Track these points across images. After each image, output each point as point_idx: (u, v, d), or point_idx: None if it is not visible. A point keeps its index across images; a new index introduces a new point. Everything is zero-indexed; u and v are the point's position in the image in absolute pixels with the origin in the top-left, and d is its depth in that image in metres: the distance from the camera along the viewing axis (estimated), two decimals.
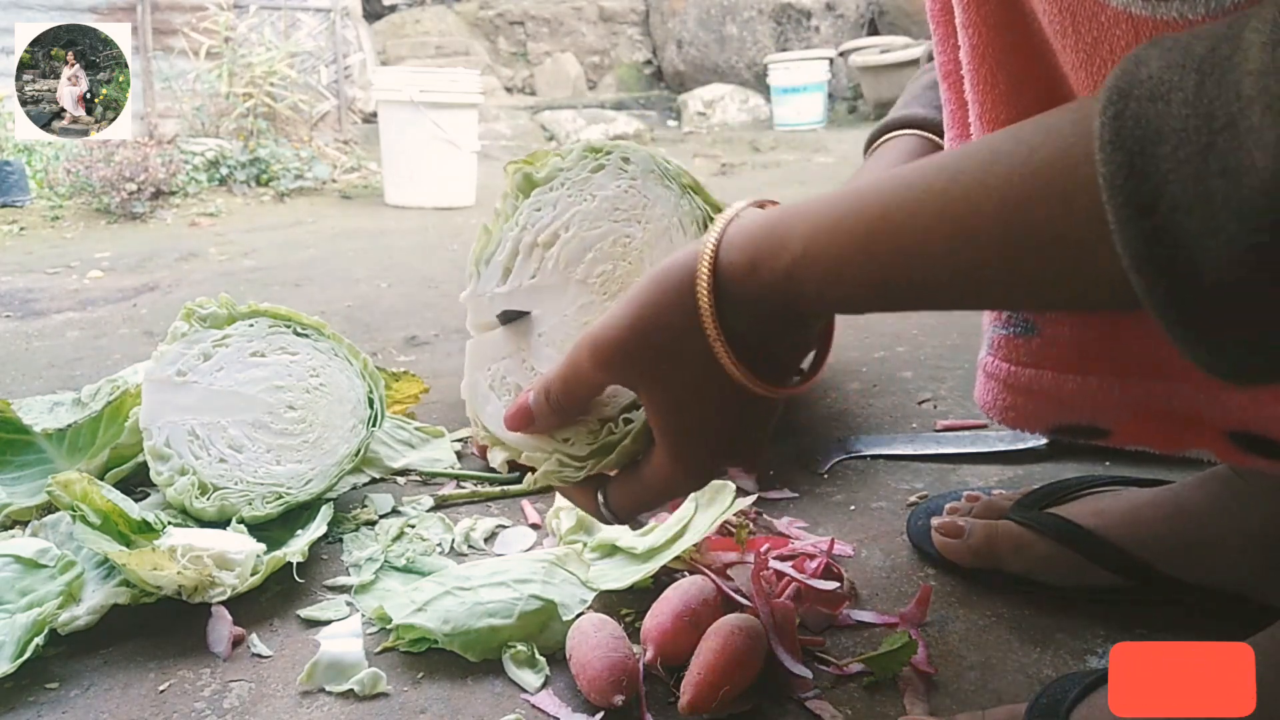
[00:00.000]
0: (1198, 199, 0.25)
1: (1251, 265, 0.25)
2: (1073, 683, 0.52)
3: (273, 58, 4.78)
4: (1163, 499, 0.64)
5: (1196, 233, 0.25)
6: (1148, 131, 0.26)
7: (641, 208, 0.55)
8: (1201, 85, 0.26)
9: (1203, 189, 0.25)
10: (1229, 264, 0.25)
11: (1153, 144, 0.26)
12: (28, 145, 4.10)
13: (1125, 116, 0.27)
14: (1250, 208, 0.24)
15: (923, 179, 0.35)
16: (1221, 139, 0.25)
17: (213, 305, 0.87)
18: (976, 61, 0.43)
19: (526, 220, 0.56)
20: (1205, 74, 0.26)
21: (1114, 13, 0.33)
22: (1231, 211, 0.25)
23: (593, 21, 7.73)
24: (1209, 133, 0.25)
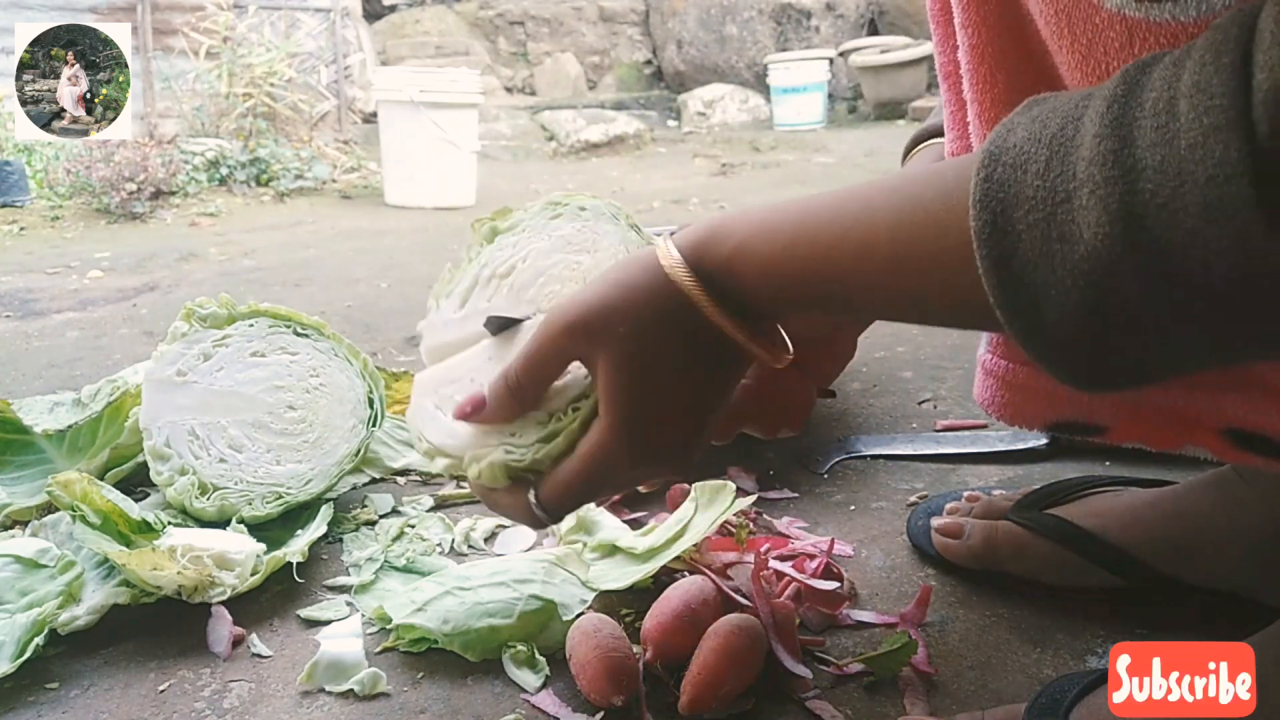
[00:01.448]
0: (1042, 257, 0.32)
1: (1081, 311, 0.31)
2: (1072, 683, 0.52)
3: (272, 58, 4.78)
4: (1163, 500, 0.64)
5: (1041, 284, 0.32)
6: (1008, 195, 0.32)
7: (591, 240, 0.59)
8: (1049, 161, 0.32)
9: (1046, 249, 0.31)
10: (1064, 309, 0.32)
11: (1011, 207, 0.32)
12: (28, 145, 4.10)
13: (993, 180, 0.33)
14: (1079, 270, 0.31)
15: (839, 201, 0.41)
16: (1060, 211, 0.31)
17: (213, 305, 0.87)
18: (975, 61, 0.43)
19: (487, 259, 0.60)
20: (1053, 151, 0.32)
21: (1108, 15, 0.34)
22: (1066, 270, 0.31)
23: (593, 21, 7.73)
24: (1051, 204, 0.31)
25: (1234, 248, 0.27)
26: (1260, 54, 0.27)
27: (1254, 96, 0.27)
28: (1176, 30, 0.32)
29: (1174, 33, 0.32)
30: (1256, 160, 0.26)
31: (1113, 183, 0.29)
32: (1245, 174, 0.26)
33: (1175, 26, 0.32)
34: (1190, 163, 0.28)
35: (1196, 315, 0.29)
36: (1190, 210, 0.28)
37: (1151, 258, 0.29)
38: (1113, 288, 0.30)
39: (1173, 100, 0.29)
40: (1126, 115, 0.30)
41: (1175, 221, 0.28)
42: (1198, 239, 0.28)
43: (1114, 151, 0.29)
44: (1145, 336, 0.31)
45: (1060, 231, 0.31)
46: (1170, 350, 0.31)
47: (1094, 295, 0.31)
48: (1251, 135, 0.26)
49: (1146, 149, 0.29)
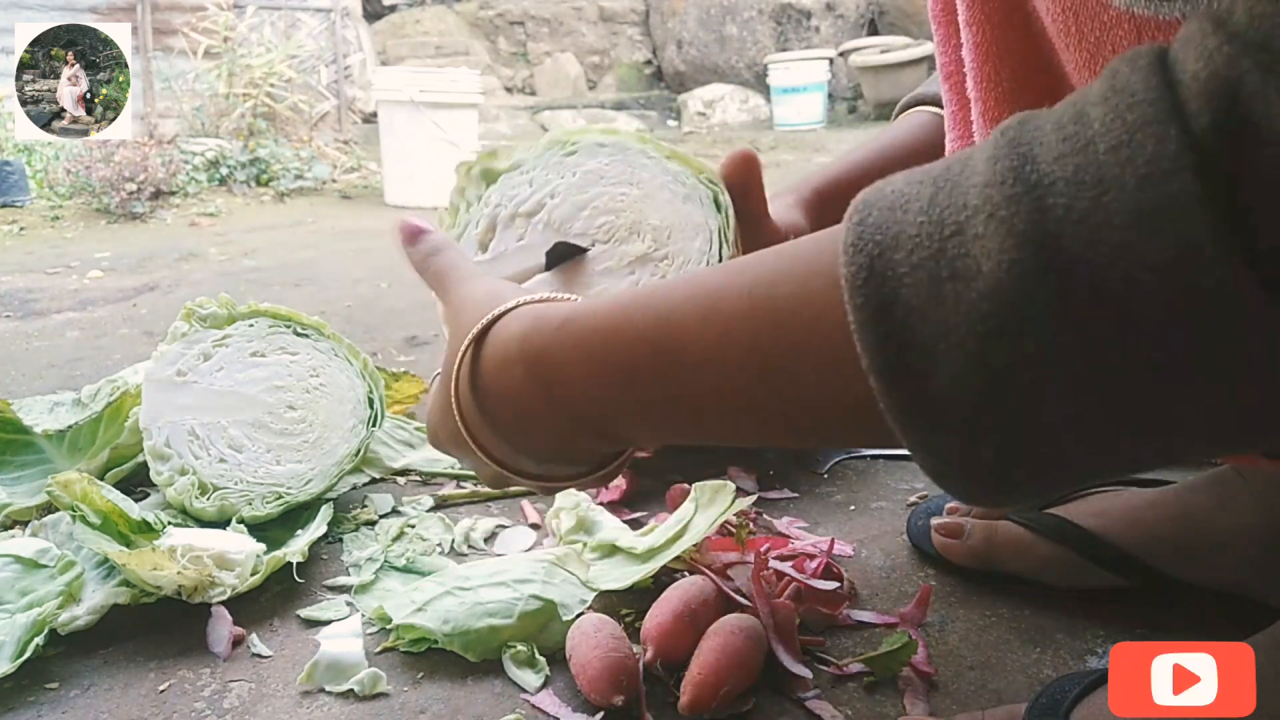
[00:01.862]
0: (930, 301, 0.26)
1: (980, 366, 0.25)
2: (1073, 683, 0.52)
3: (272, 58, 4.78)
4: (1163, 499, 0.64)
5: (929, 335, 0.26)
6: (885, 237, 0.27)
7: (629, 173, 0.56)
8: (935, 196, 0.27)
9: (934, 292, 0.26)
10: (958, 366, 0.26)
11: (890, 249, 0.27)
12: (28, 145, 4.10)
13: (867, 224, 0.28)
14: (979, 310, 0.25)
15: (688, 277, 0.37)
16: (950, 245, 0.26)
17: (213, 305, 0.87)
18: (979, 60, 0.43)
19: (500, 199, 0.57)
20: (939, 187, 0.27)
21: (1117, 13, 0.33)
22: (962, 315, 0.25)
23: (593, 21, 7.73)
24: (940, 239, 0.26)
25: (1177, 259, 0.23)
26: (1189, 48, 0.24)
27: (1184, 88, 0.23)
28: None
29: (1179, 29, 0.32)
30: (1197, 153, 0.23)
31: (1014, 201, 0.25)
32: (1186, 169, 0.23)
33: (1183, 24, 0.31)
34: (1113, 166, 0.24)
35: (1124, 353, 0.24)
36: (1117, 221, 0.23)
37: (1069, 285, 0.24)
38: (1019, 329, 0.25)
39: (1080, 112, 0.25)
40: (1024, 135, 0.26)
41: (1099, 236, 0.23)
42: (1129, 253, 0.23)
43: (1013, 169, 0.25)
44: (1062, 394, 0.25)
45: (952, 269, 0.26)
46: (1093, 414, 0.25)
47: (997, 340, 0.25)
48: (1186, 127, 0.23)
49: (1053, 161, 0.25)
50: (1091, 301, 0.24)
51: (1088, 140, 0.24)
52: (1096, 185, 0.24)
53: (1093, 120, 0.25)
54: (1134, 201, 0.23)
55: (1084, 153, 0.24)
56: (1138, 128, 0.23)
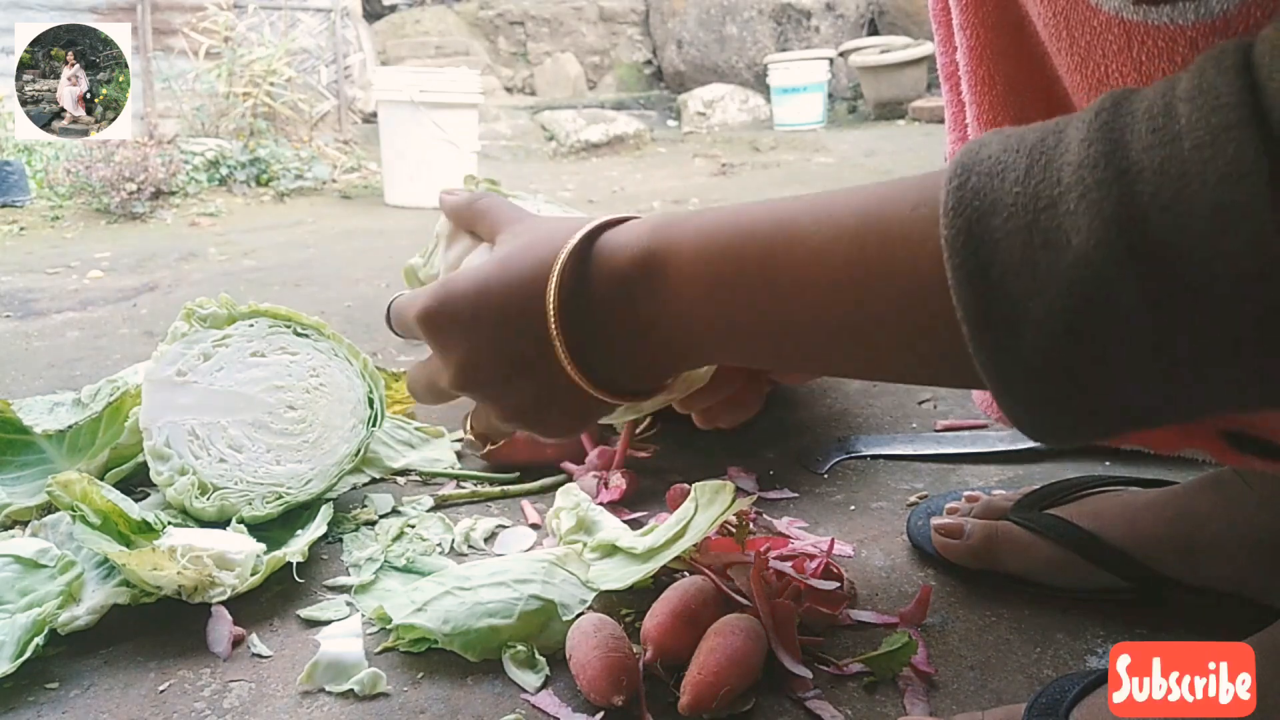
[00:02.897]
0: (1024, 265, 0.29)
1: (1065, 325, 0.29)
2: (1072, 683, 0.52)
3: (272, 57, 4.78)
4: (1163, 500, 0.64)
5: (1021, 294, 0.29)
6: (984, 203, 0.30)
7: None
8: (1030, 169, 0.30)
9: (1028, 258, 0.29)
10: (1046, 324, 0.29)
11: (988, 215, 0.30)
12: (28, 145, 4.10)
13: (966, 188, 0.31)
14: (1066, 278, 0.28)
15: (790, 208, 0.38)
16: (1044, 217, 0.29)
17: (213, 305, 0.87)
18: (974, 63, 0.43)
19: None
20: (1034, 159, 0.30)
21: (1106, 18, 0.33)
22: (1051, 279, 0.29)
23: (593, 21, 7.73)
24: (1035, 210, 0.29)
25: (1247, 251, 0.25)
26: (1276, 59, 0.26)
27: (1267, 98, 0.26)
28: (1175, 34, 0.32)
29: (1172, 36, 0.32)
30: (1272, 159, 0.25)
31: (1106, 185, 0.28)
32: (1261, 173, 0.25)
33: (1174, 30, 0.32)
34: (1196, 163, 0.26)
35: (1196, 328, 0.27)
36: (1198, 212, 0.26)
37: (1150, 264, 0.27)
38: (1103, 298, 0.28)
39: (1169, 105, 0.27)
40: (1117, 121, 0.28)
41: (1180, 224, 0.26)
42: (1206, 242, 0.26)
43: (1105, 154, 0.28)
44: (1135, 357, 0.29)
45: (1045, 238, 0.29)
46: (1160, 375, 0.29)
47: (1082, 306, 0.28)
48: (1266, 134, 0.25)
49: (1142, 151, 0.27)
50: (1169, 279, 0.27)
51: (1174, 135, 0.27)
52: (1180, 178, 0.26)
53: (1180, 116, 0.27)
54: (1213, 197, 0.26)
55: (1170, 146, 0.27)
56: (1220, 130, 0.26)
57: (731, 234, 0.39)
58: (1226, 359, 0.27)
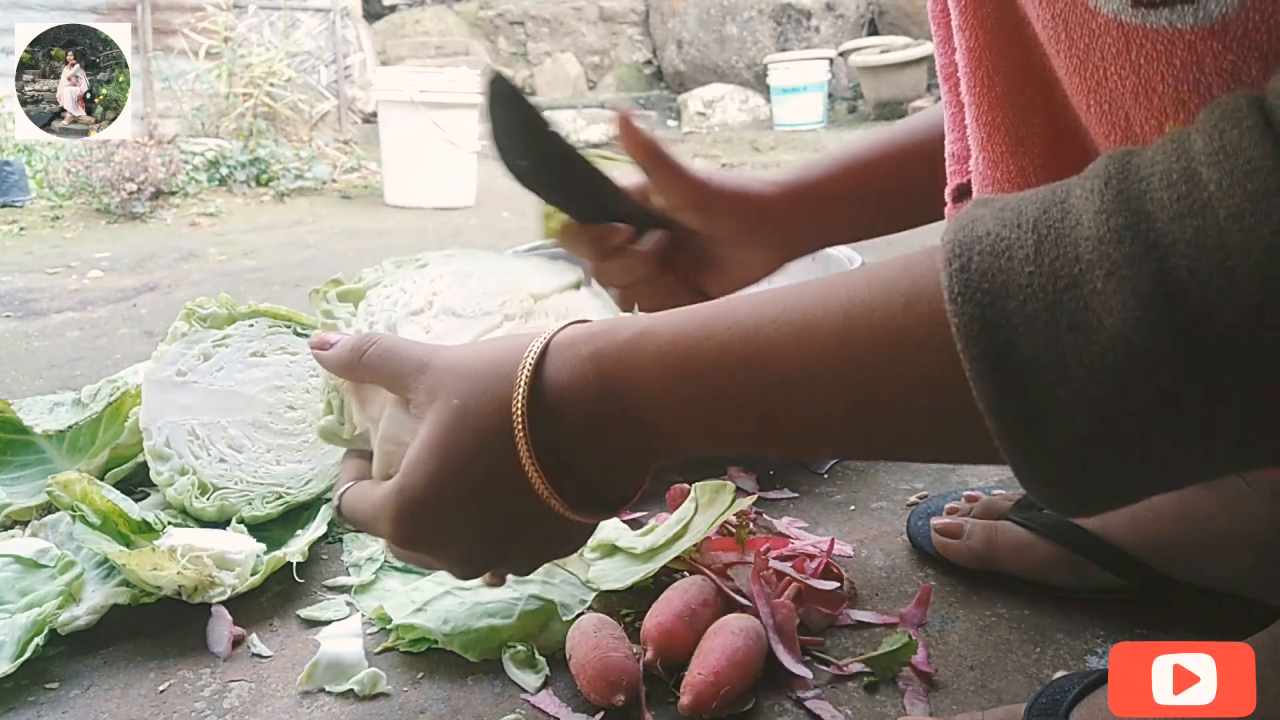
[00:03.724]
0: (1049, 352, 0.27)
1: (1101, 410, 0.27)
2: (1072, 683, 0.52)
3: (272, 57, 4.78)
4: (1163, 500, 0.64)
5: (1050, 383, 0.28)
6: (994, 285, 0.28)
7: (493, 264, 0.61)
8: (1040, 245, 0.28)
9: (1054, 343, 0.27)
10: (1079, 409, 0.27)
11: (1001, 297, 0.28)
12: (28, 145, 4.10)
13: (971, 270, 0.29)
14: (1104, 361, 0.27)
15: (775, 301, 0.36)
16: (1067, 297, 0.27)
17: (213, 305, 0.87)
18: (973, 64, 0.43)
19: (381, 306, 0.59)
20: (1042, 235, 0.28)
21: (1105, 20, 0.33)
22: (1083, 366, 0.27)
23: (593, 21, 7.73)
24: (1054, 290, 0.27)
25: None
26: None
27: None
28: (1173, 37, 0.31)
29: (1170, 39, 0.32)
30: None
31: (1136, 260, 0.26)
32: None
33: (1172, 33, 0.31)
34: (1236, 233, 0.25)
35: (1245, 402, 0.26)
36: (1243, 285, 0.25)
37: (1191, 340, 0.25)
38: (1143, 380, 0.26)
39: (1189, 170, 0.26)
40: (1131, 189, 0.27)
41: (1225, 299, 0.25)
42: (1255, 316, 0.25)
43: (1129, 227, 0.26)
44: (1177, 436, 0.27)
45: (1071, 320, 0.27)
46: (1203, 450, 0.28)
47: (1119, 391, 0.27)
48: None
49: (1170, 222, 0.26)
50: (1214, 357, 0.26)
51: (1204, 204, 0.25)
52: (1219, 250, 0.25)
53: (1207, 183, 0.26)
54: (1261, 269, 0.24)
55: (1202, 216, 0.25)
56: (1260, 198, 0.25)
57: (698, 364, 0.37)
58: (1270, 424, 0.26)
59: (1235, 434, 0.27)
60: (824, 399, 0.34)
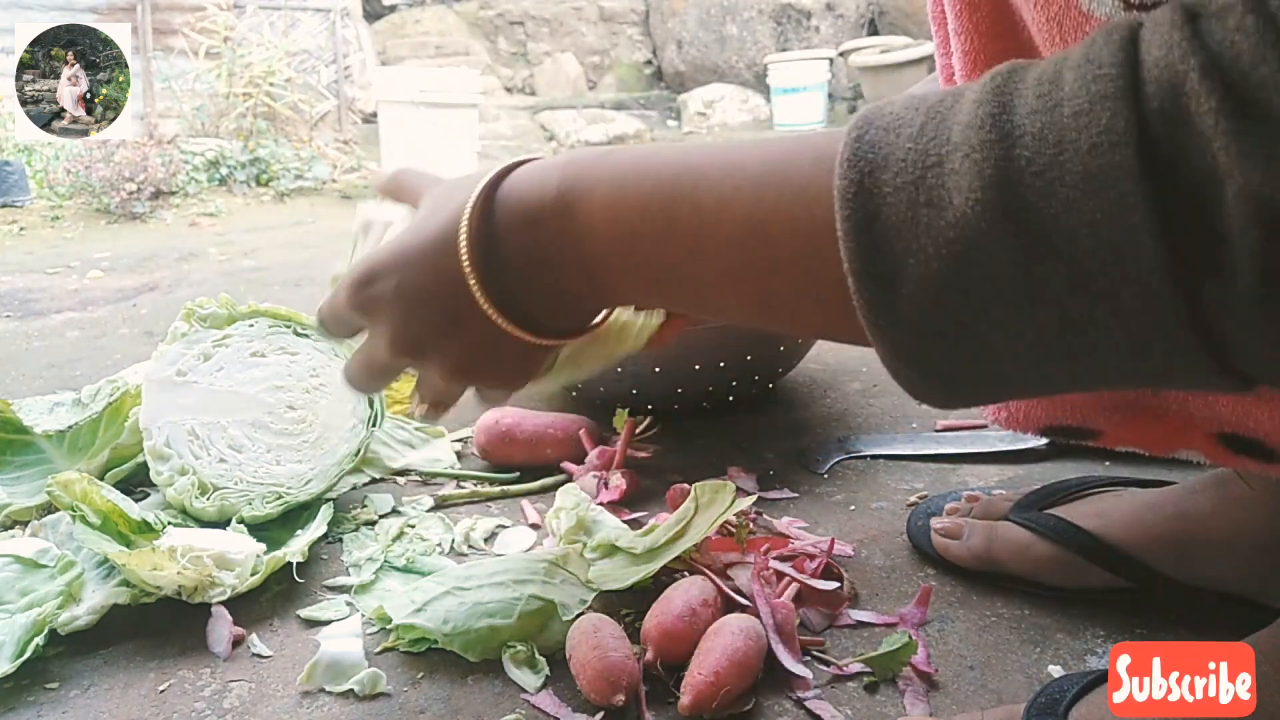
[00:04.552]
0: (905, 222, 0.30)
1: (939, 282, 0.29)
2: (1072, 682, 0.52)
3: (272, 57, 4.78)
4: (1163, 500, 0.64)
5: (901, 250, 0.30)
6: (878, 156, 0.31)
7: None
8: (924, 126, 0.30)
9: (912, 215, 0.29)
10: (921, 279, 0.29)
11: (880, 169, 0.30)
12: (28, 145, 4.10)
13: (863, 142, 0.31)
14: (945, 237, 0.29)
15: (702, 155, 0.39)
16: (930, 174, 0.29)
17: (213, 305, 0.87)
18: (968, 68, 0.43)
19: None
20: (929, 117, 0.30)
21: (1097, 23, 0.34)
22: (930, 237, 0.29)
23: (593, 21, 7.73)
24: (921, 168, 0.29)
25: (1109, 220, 0.26)
26: (1157, 35, 0.26)
27: (1144, 70, 0.26)
28: None
29: None
30: (1144, 130, 0.25)
31: (989, 146, 0.28)
32: (1131, 143, 0.25)
33: None
34: (1073, 130, 0.26)
35: (1061, 294, 0.27)
36: (1068, 180, 0.26)
37: (1022, 228, 0.27)
38: (977, 259, 0.28)
39: (1058, 72, 0.28)
40: (1009, 84, 0.29)
41: (1051, 190, 0.27)
42: (1073, 209, 0.26)
43: (992, 115, 0.28)
44: (1006, 319, 0.29)
45: (929, 196, 0.29)
46: (1030, 339, 0.29)
47: (956, 266, 0.29)
48: (1139, 107, 0.25)
49: (1026, 115, 0.28)
50: (1038, 245, 0.27)
51: (1057, 101, 0.27)
52: (1056, 145, 0.27)
53: (1064, 83, 0.27)
54: (1083, 165, 0.26)
55: (1051, 113, 0.27)
56: (1098, 99, 0.26)
57: (639, 179, 0.39)
58: (1089, 329, 0.28)
59: (1060, 335, 0.28)
60: (734, 240, 0.37)
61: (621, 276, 0.42)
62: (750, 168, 0.36)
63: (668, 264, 0.39)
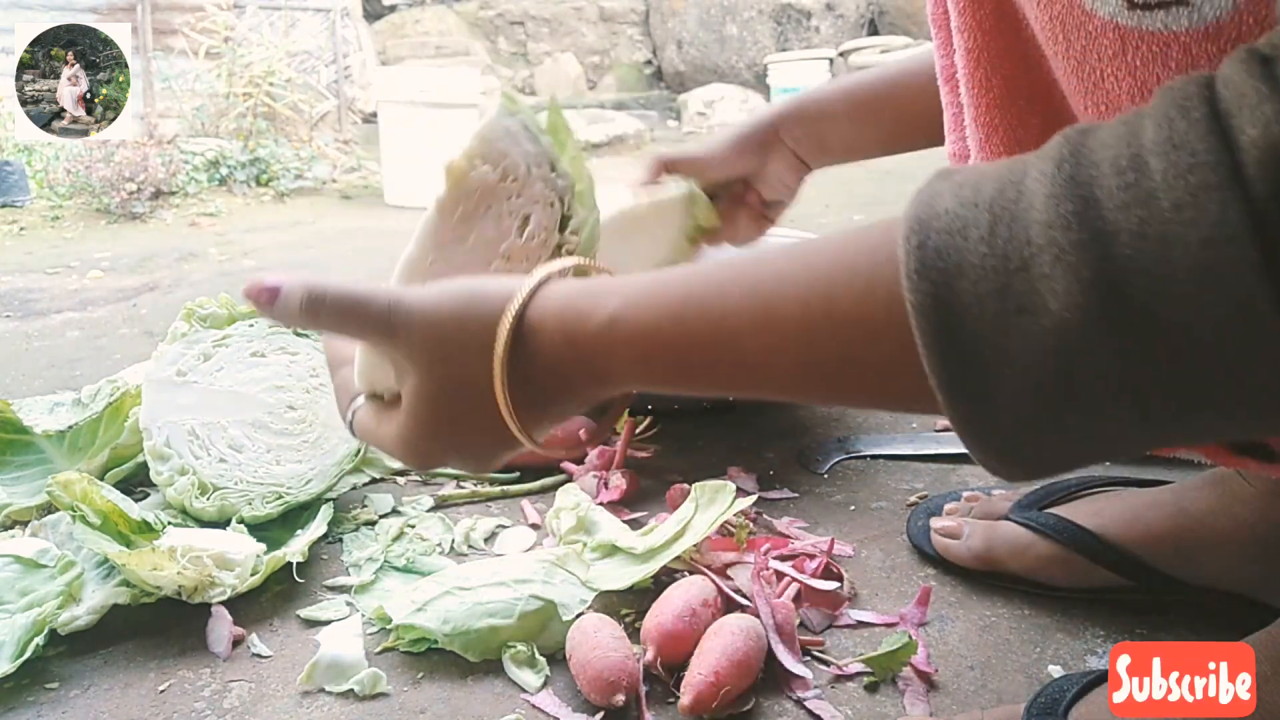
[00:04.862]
0: (997, 333, 0.28)
1: (1044, 389, 0.28)
2: (1072, 682, 0.52)
3: (272, 57, 4.78)
4: (1163, 499, 0.64)
5: (996, 364, 0.28)
6: (949, 264, 0.29)
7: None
8: (994, 226, 0.29)
9: (1001, 323, 0.28)
10: (1022, 388, 0.28)
11: (955, 277, 0.29)
12: (28, 145, 4.10)
13: (928, 248, 0.30)
14: (1045, 344, 0.27)
15: (738, 266, 0.37)
16: (1017, 279, 0.28)
17: (213, 305, 0.87)
18: (971, 65, 0.43)
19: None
20: (996, 215, 0.29)
21: (1101, 23, 0.34)
22: (1029, 346, 0.28)
23: (593, 21, 7.73)
24: (1006, 273, 0.28)
25: (1234, 314, 0.25)
26: (1245, 110, 0.25)
27: (1243, 154, 0.25)
28: (1168, 40, 0.32)
29: (1165, 42, 0.32)
30: (1256, 221, 0.24)
31: (1082, 247, 0.27)
32: (1245, 235, 0.24)
33: (1167, 36, 0.32)
34: (1177, 225, 0.25)
35: (1177, 387, 0.27)
36: (1180, 276, 0.25)
37: (1131, 326, 0.26)
38: (1084, 362, 0.27)
39: (1139, 159, 0.26)
40: (1082, 174, 0.27)
41: (1161, 289, 0.26)
42: (1188, 305, 0.25)
43: (1076, 214, 0.27)
44: (1112, 416, 0.28)
45: (1019, 303, 0.28)
46: (1135, 427, 0.29)
47: (1062, 371, 0.28)
48: (1247, 195, 0.25)
49: (1116, 210, 0.26)
50: (1150, 342, 0.26)
51: (1149, 193, 0.26)
52: (1160, 241, 0.25)
53: (1153, 172, 0.26)
54: (1196, 260, 0.25)
55: (1147, 206, 0.26)
56: (1200, 190, 0.25)
57: (666, 352, 0.38)
58: (1204, 410, 0.27)
59: (1170, 418, 0.28)
60: (785, 379, 0.36)
61: (659, 394, 0.43)
62: (788, 314, 0.35)
63: (720, 394, 0.40)
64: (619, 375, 0.40)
